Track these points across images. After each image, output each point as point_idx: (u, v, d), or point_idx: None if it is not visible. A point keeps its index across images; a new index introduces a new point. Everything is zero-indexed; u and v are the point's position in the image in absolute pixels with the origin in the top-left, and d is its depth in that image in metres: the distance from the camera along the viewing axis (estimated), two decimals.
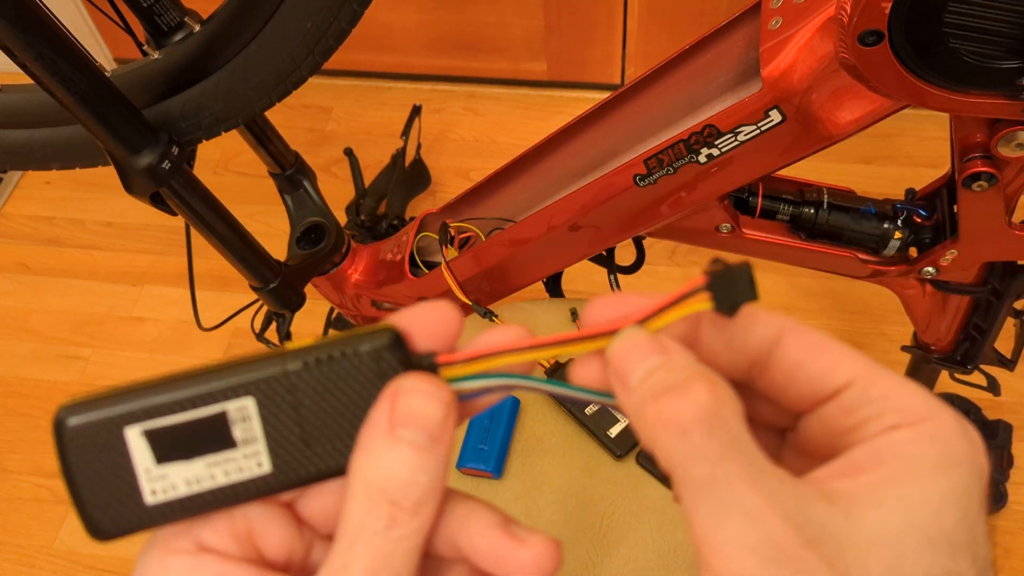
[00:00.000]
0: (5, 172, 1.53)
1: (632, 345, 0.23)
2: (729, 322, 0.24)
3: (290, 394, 0.23)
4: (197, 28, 0.66)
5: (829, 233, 0.68)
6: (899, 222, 0.67)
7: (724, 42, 0.62)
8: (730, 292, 0.22)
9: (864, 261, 0.69)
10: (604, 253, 0.76)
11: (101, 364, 1.30)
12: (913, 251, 0.70)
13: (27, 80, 0.56)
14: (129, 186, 0.63)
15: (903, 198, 0.70)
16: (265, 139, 0.82)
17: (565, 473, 0.65)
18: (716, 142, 0.59)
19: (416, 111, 1.40)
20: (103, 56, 1.61)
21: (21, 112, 0.71)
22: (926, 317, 0.80)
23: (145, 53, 0.68)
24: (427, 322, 0.25)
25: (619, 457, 0.65)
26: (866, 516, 0.21)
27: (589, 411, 0.67)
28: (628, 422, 0.66)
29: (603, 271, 0.78)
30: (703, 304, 0.23)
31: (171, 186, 0.63)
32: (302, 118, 1.57)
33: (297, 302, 0.81)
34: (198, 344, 1.30)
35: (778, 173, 0.64)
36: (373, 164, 1.38)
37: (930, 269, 0.68)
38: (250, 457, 0.23)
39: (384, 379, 0.24)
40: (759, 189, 0.68)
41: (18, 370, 1.30)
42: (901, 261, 0.69)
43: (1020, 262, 0.71)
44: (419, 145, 1.39)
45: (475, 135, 1.53)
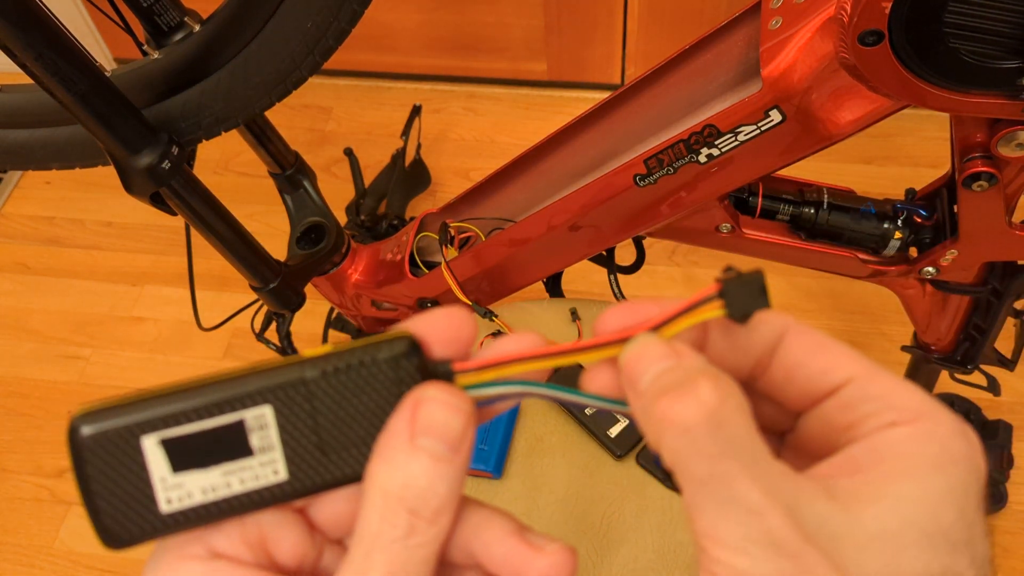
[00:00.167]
0: (5, 172, 1.53)
1: (644, 350, 0.23)
2: (739, 328, 0.24)
3: (308, 402, 0.23)
4: (197, 28, 0.66)
5: (829, 233, 0.68)
6: (899, 222, 0.67)
7: (724, 42, 0.62)
8: (742, 299, 0.23)
9: (864, 261, 0.69)
10: (604, 253, 0.76)
11: (101, 364, 1.30)
12: (913, 251, 0.70)
13: (27, 80, 0.56)
14: (129, 186, 0.63)
15: (903, 198, 0.70)
16: (265, 139, 0.82)
17: (565, 473, 0.65)
18: (716, 142, 0.59)
19: (416, 111, 1.40)
20: (103, 56, 1.61)
21: (21, 112, 0.71)
22: (926, 317, 0.80)
23: (145, 53, 0.68)
24: (443, 328, 0.25)
25: (619, 457, 0.65)
26: (865, 513, 0.21)
27: (589, 411, 0.67)
28: (632, 423, 0.66)
29: (603, 271, 0.78)
30: (716, 311, 0.23)
31: (171, 186, 0.63)
32: (302, 118, 1.57)
33: (297, 302, 0.81)
34: (198, 344, 1.30)
35: (778, 173, 0.64)
36: (373, 164, 1.38)
37: (930, 269, 0.68)
38: (266, 465, 0.23)
39: (401, 386, 0.24)
40: (759, 189, 0.68)
41: (18, 370, 1.30)
42: (901, 261, 0.69)
43: (1020, 262, 0.71)
44: (419, 145, 1.39)
45: (475, 135, 1.53)
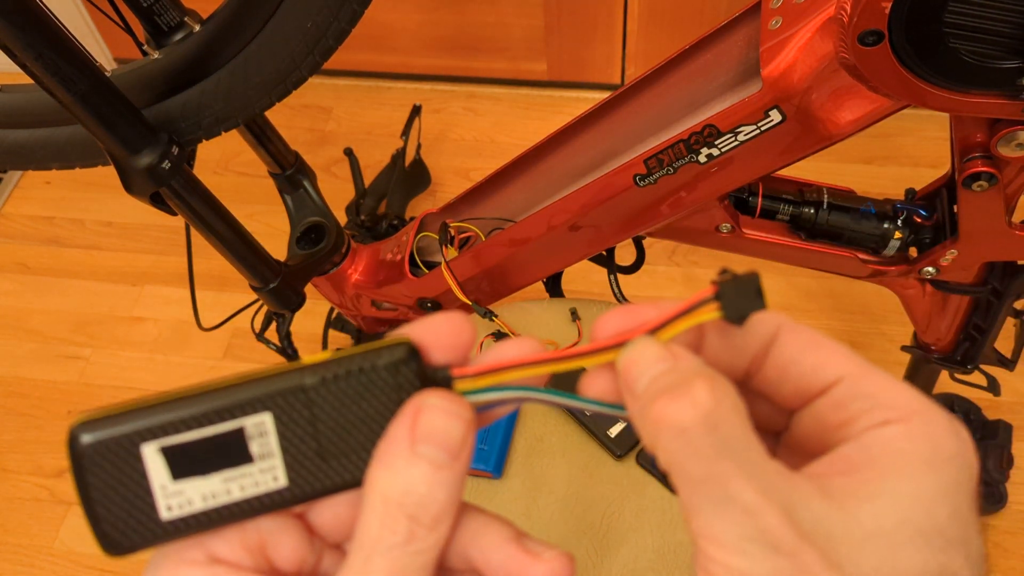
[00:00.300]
0: (5, 172, 1.53)
1: (640, 354, 0.23)
2: (736, 329, 0.24)
3: (307, 409, 0.23)
4: (197, 28, 0.66)
5: (829, 233, 0.68)
6: (899, 222, 0.67)
7: (724, 42, 0.62)
8: (739, 301, 0.23)
9: (864, 261, 0.69)
10: (604, 253, 0.76)
11: (101, 364, 1.30)
12: (913, 251, 0.70)
13: (27, 80, 0.56)
14: (129, 186, 0.63)
15: (903, 198, 0.70)
16: (265, 139, 0.82)
17: (565, 473, 0.65)
18: (716, 142, 0.59)
19: (416, 111, 1.40)
20: (103, 56, 1.61)
21: (21, 112, 0.71)
22: (926, 317, 0.80)
23: (145, 53, 0.68)
24: (441, 334, 0.25)
25: (619, 457, 0.65)
26: (860, 511, 0.21)
27: (589, 411, 0.67)
28: (633, 425, 0.66)
29: (603, 271, 0.78)
30: (712, 314, 0.23)
31: (171, 186, 0.63)
32: (302, 118, 1.57)
33: (297, 302, 0.81)
34: (198, 344, 1.30)
35: (778, 173, 0.64)
36: (373, 164, 1.38)
37: (930, 269, 0.68)
38: (266, 472, 0.23)
39: (401, 392, 0.24)
40: (759, 189, 0.68)
41: (18, 370, 1.30)
42: (901, 261, 0.69)
43: (1020, 262, 0.71)
44: (419, 145, 1.39)
45: (475, 135, 1.53)
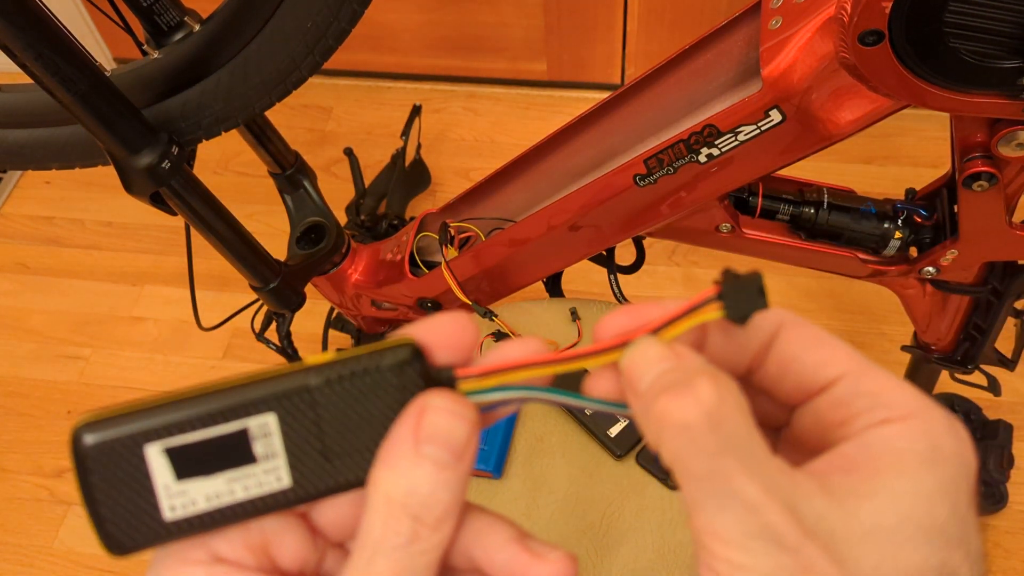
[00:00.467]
0: (5, 172, 1.53)
1: (644, 353, 0.23)
2: (739, 328, 0.24)
3: (311, 410, 0.23)
4: (197, 28, 0.66)
5: (829, 233, 0.68)
6: (899, 222, 0.67)
7: (724, 42, 0.62)
8: (741, 301, 0.23)
9: (864, 261, 0.69)
10: (604, 253, 0.76)
11: (101, 364, 1.30)
12: (913, 251, 0.70)
13: (27, 80, 0.56)
14: (129, 186, 0.63)
15: (903, 198, 0.70)
16: (265, 139, 0.82)
17: (565, 473, 0.65)
18: (716, 142, 0.59)
19: (416, 111, 1.40)
20: (103, 56, 1.61)
21: (21, 112, 0.71)
22: (926, 317, 0.80)
23: (145, 53, 0.68)
24: (445, 334, 0.25)
25: (619, 457, 0.65)
26: (860, 508, 0.21)
27: (589, 411, 0.67)
28: (633, 423, 0.66)
29: (603, 271, 0.78)
30: (715, 313, 0.23)
31: (171, 186, 0.63)
32: (302, 118, 1.57)
33: (297, 302, 0.81)
34: (198, 344, 1.30)
35: (778, 173, 0.64)
36: (373, 164, 1.38)
37: (930, 269, 0.68)
38: (270, 472, 0.23)
39: (405, 393, 0.24)
40: (759, 189, 0.68)
41: (18, 370, 1.30)
42: (901, 261, 0.69)
43: (1020, 262, 0.71)
44: (419, 145, 1.39)
45: (475, 135, 1.53)
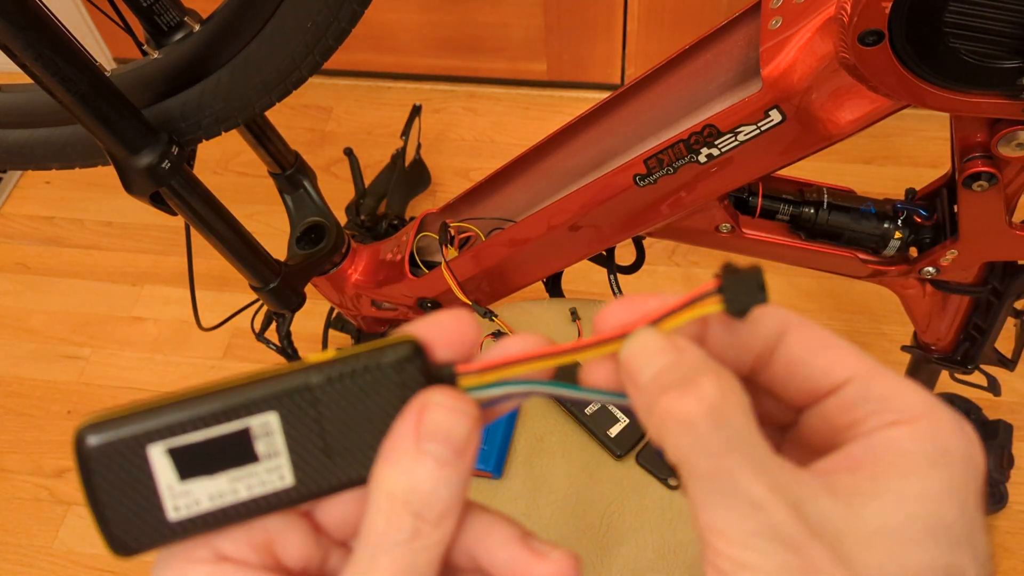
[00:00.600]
0: (5, 172, 1.53)
1: (644, 345, 0.23)
2: (739, 323, 0.24)
3: (313, 408, 0.23)
4: (197, 28, 0.66)
5: (829, 233, 0.68)
6: (899, 222, 0.67)
7: (724, 42, 0.62)
8: (741, 295, 0.23)
9: (864, 261, 0.69)
10: (604, 253, 0.76)
11: (101, 364, 1.30)
12: (913, 251, 0.70)
13: (27, 80, 0.56)
14: (129, 186, 0.63)
15: (903, 198, 0.70)
16: (265, 139, 0.82)
17: (565, 473, 0.65)
18: (716, 142, 0.59)
19: (416, 111, 1.40)
20: (103, 56, 1.61)
21: (21, 112, 0.71)
22: (926, 317, 0.80)
23: (145, 53, 0.68)
24: (446, 331, 0.25)
25: (619, 457, 0.65)
26: (866, 508, 0.21)
27: (589, 411, 0.67)
28: (632, 420, 0.66)
29: (603, 271, 0.78)
30: (714, 306, 0.23)
31: (171, 186, 0.63)
32: (302, 118, 1.57)
33: (297, 302, 0.81)
34: (198, 344, 1.30)
35: (778, 173, 0.64)
36: (373, 164, 1.38)
37: (930, 269, 0.68)
38: (272, 471, 0.23)
39: (406, 390, 0.24)
40: (759, 189, 0.68)
41: (18, 370, 1.30)
42: (901, 261, 0.69)
43: (1020, 262, 0.71)
44: (419, 145, 1.39)
45: (475, 135, 1.53)
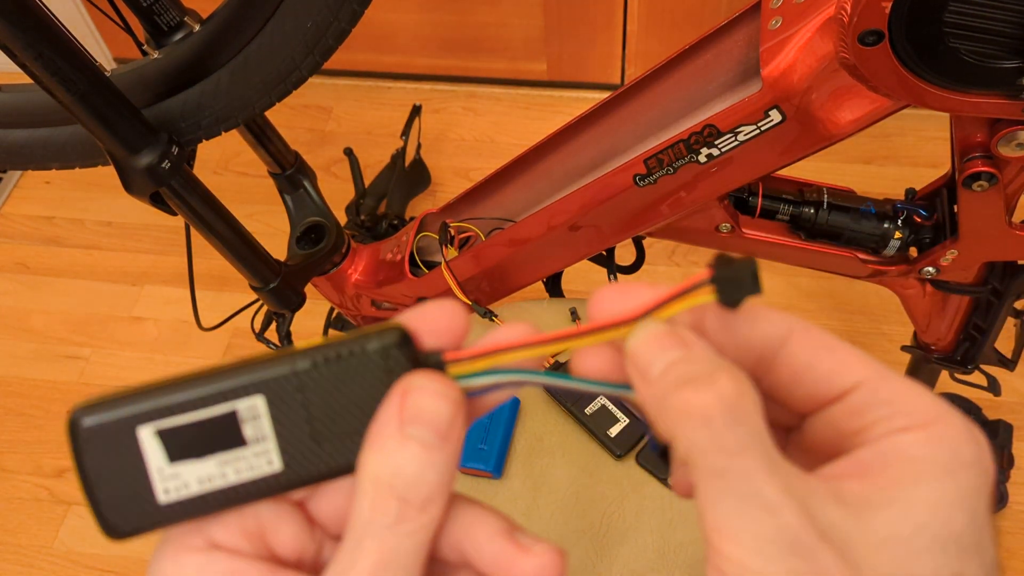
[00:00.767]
0: (5, 172, 1.53)
1: (652, 337, 0.23)
2: (733, 316, 0.24)
3: (299, 392, 0.24)
4: (197, 28, 0.66)
5: (829, 233, 0.68)
6: (899, 222, 0.67)
7: (724, 42, 0.62)
8: (734, 286, 0.23)
9: (864, 261, 0.69)
10: (604, 253, 0.76)
11: (101, 364, 1.30)
12: (913, 251, 0.70)
13: (27, 80, 0.56)
14: (129, 186, 0.63)
15: (903, 198, 0.70)
16: (265, 139, 0.82)
17: (565, 473, 0.65)
18: (716, 142, 0.59)
19: (416, 111, 1.40)
20: (103, 56, 1.61)
21: (21, 112, 0.71)
22: (926, 317, 0.80)
23: (145, 53, 0.68)
24: (434, 320, 0.25)
25: (619, 457, 0.65)
26: (876, 517, 0.21)
27: (589, 411, 0.67)
28: (632, 420, 0.66)
29: (603, 271, 0.78)
30: (707, 296, 0.23)
31: (171, 186, 0.63)
32: (302, 118, 1.57)
33: (297, 302, 0.81)
34: (198, 344, 1.30)
35: (778, 173, 0.64)
36: (373, 164, 1.38)
37: (930, 269, 0.68)
38: (261, 455, 0.24)
39: (392, 377, 0.24)
40: (759, 189, 0.68)
41: (18, 370, 1.30)
42: (901, 261, 0.69)
43: (1020, 262, 0.71)
44: (419, 145, 1.39)
45: (475, 135, 1.53)
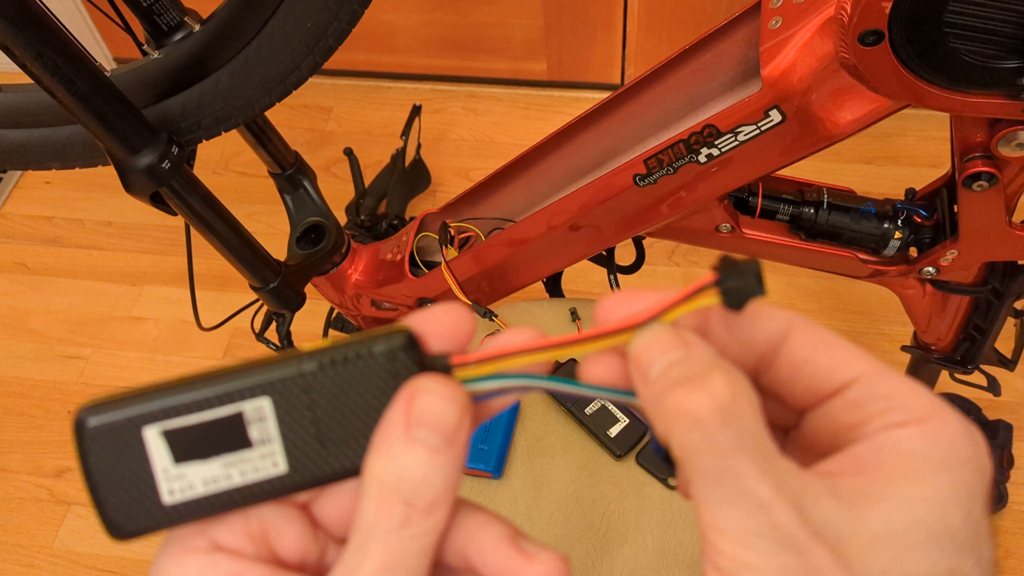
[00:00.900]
0: (5, 172, 1.53)
1: (653, 339, 0.23)
2: (737, 317, 0.24)
3: (305, 394, 0.23)
4: (197, 28, 0.66)
5: (829, 233, 0.68)
6: (899, 222, 0.67)
7: (724, 42, 0.62)
8: (738, 288, 0.23)
9: (864, 261, 0.69)
10: (604, 253, 0.76)
11: (101, 364, 1.30)
12: (913, 251, 0.70)
13: (27, 80, 0.56)
14: (129, 186, 0.63)
15: (903, 198, 0.70)
16: (265, 139, 0.82)
17: (565, 473, 0.65)
18: (716, 142, 0.59)
19: (416, 111, 1.40)
20: (103, 56, 1.61)
21: (21, 112, 0.71)
22: (926, 317, 0.80)
23: (145, 53, 0.68)
24: (441, 324, 0.25)
25: (619, 457, 0.65)
26: (870, 512, 0.21)
27: (589, 411, 0.67)
28: (632, 420, 0.66)
29: (603, 271, 0.78)
30: (711, 299, 0.23)
31: (171, 186, 0.63)
32: (302, 118, 1.57)
33: (297, 302, 0.81)
34: (198, 344, 1.30)
35: (778, 173, 0.64)
36: (373, 164, 1.38)
37: (930, 269, 0.68)
38: (266, 457, 0.24)
39: (398, 380, 0.24)
40: (759, 189, 0.68)
41: (18, 370, 1.30)
42: (901, 261, 0.69)
43: (1020, 262, 0.71)
44: (419, 145, 1.39)
45: (475, 135, 1.53)
